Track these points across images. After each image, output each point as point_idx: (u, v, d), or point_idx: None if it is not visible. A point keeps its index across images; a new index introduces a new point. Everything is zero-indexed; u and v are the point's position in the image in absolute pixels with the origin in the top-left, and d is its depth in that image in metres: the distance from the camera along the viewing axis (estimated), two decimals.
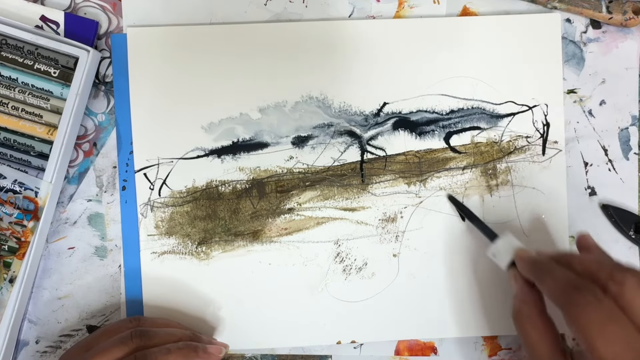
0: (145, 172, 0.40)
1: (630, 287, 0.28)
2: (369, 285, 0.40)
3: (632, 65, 0.42)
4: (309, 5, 0.41)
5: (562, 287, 0.29)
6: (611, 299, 0.28)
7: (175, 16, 0.40)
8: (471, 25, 0.41)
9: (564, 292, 0.29)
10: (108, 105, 0.40)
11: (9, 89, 0.38)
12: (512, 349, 0.41)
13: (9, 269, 0.37)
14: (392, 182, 0.40)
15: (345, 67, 0.40)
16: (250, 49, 0.40)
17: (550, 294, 0.30)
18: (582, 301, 0.28)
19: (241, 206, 0.40)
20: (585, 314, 0.28)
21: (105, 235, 0.40)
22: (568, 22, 0.42)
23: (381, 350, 0.40)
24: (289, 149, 0.40)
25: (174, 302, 0.39)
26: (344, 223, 0.40)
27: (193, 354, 0.34)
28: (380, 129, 0.40)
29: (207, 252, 0.40)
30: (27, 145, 0.38)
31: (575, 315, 0.28)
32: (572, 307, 0.28)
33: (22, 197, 0.37)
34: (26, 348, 0.39)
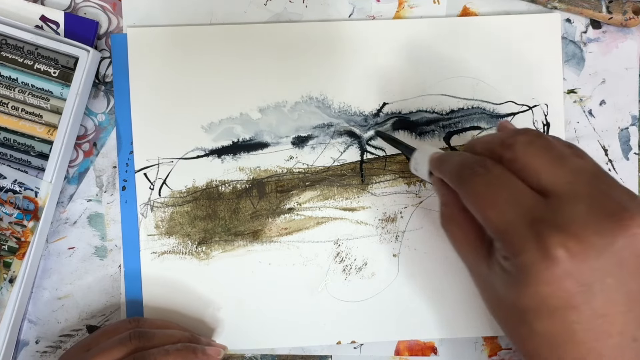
0: (146, 172, 0.40)
1: (520, 146, 0.26)
2: (369, 285, 0.40)
3: (632, 65, 0.42)
4: (309, 5, 0.41)
5: (457, 169, 0.28)
6: (503, 167, 0.27)
7: (175, 16, 0.40)
8: (471, 25, 0.41)
9: (458, 173, 0.28)
10: (108, 105, 0.40)
11: (9, 89, 0.38)
12: (512, 349, 0.41)
13: (8, 269, 0.37)
14: (392, 182, 0.40)
15: (345, 67, 0.40)
16: (250, 49, 0.40)
17: (449, 180, 0.29)
18: (471, 175, 0.27)
19: (241, 206, 0.40)
20: (472, 185, 0.27)
21: (105, 235, 0.40)
22: (568, 22, 0.42)
23: (381, 350, 0.40)
24: (289, 149, 0.40)
25: (174, 302, 0.39)
26: (343, 223, 0.40)
27: (192, 356, 0.34)
28: (380, 129, 0.40)
29: (207, 252, 0.40)
30: (27, 145, 0.38)
31: (465, 192, 0.27)
32: (463, 185, 0.27)
33: (22, 197, 0.37)
34: (26, 348, 0.39)
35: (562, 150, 0.27)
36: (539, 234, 0.24)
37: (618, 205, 0.24)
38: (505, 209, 0.25)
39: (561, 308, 0.24)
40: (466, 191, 0.27)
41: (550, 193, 0.25)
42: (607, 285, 0.24)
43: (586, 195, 0.24)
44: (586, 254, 0.23)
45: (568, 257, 0.23)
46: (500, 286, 0.26)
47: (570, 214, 0.24)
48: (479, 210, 0.26)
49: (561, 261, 0.23)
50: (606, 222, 0.24)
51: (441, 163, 0.31)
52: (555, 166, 0.26)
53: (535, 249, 0.23)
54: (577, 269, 0.23)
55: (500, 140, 0.28)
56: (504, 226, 0.25)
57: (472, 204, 0.27)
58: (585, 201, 0.24)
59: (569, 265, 0.23)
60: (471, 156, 0.29)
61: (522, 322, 0.26)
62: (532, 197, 0.25)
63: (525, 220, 0.24)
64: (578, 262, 0.23)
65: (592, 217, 0.24)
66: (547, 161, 0.26)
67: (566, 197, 0.25)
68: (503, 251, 0.25)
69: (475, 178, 0.27)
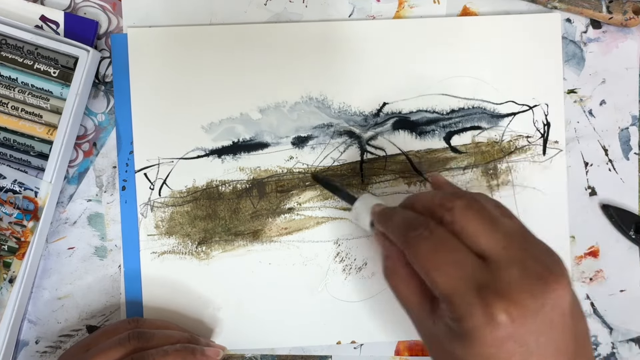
0: (146, 172, 0.40)
1: (459, 210, 0.28)
2: (369, 285, 0.40)
3: (632, 65, 0.42)
4: (309, 5, 0.41)
5: (400, 227, 0.29)
6: (444, 229, 0.28)
7: (175, 16, 0.40)
8: (471, 25, 0.41)
9: (401, 232, 0.29)
10: (108, 105, 0.40)
11: (9, 89, 0.38)
12: None
13: (8, 269, 0.37)
14: (392, 182, 0.40)
15: (345, 67, 0.40)
16: (250, 49, 0.40)
17: (393, 238, 0.30)
18: (415, 237, 0.28)
19: (241, 206, 0.40)
20: (419, 248, 0.28)
21: (105, 235, 0.40)
22: (568, 22, 0.42)
23: (381, 351, 0.40)
24: (289, 149, 0.40)
25: (173, 302, 0.39)
26: (343, 223, 0.40)
27: (190, 356, 0.34)
28: (380, 129, 0.40)
29: (207, 252, 0.40)
30: (27, 145, 0.38)
31: (412, 253, 0.28)
32: (408, 245, 0.28)
33: (22, 197, 0.37)
34: (26, 348, 0.39)
35: (494, 213, 0.28)
36: (483, 299, 0.25)
37: (545, 268, 0.26)
38: (451, 273, 0.26)
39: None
40: (412, 253, 0.28)
41: (488, 257, 0.27)
42: (541, 343, 0.26)
43: (519, 259, 0.27)
44: (524, 317, 0.25)
45: (510, 321, 0.25)
46: (445, 341, 0.28)
47: (508, 279, 0.26)
48: (426, 273, 0.27)
49: (504, 325, 0.25)
50: (537, 286, 0.26)
51: (385, 219, 0.32)
52: (491, 231, 0.28)
53: (480, 314, 0.25)
54: (517, 332, 0.25)
55: (440, 202, 0.29)
56: (451, 290, 0.26)
57: (419, 265, 0.28)
58: (518, 266, 0.26)
59: (510, 329, 0.25)
60: (414, 216, 0.30)
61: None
62: (474, 262, 0.27)
63: (470, 285, 0.26)
64: (518, 325, 0.25)
65: (526, 281, 0.26)
66: (483, 225, 0.28)
67: (503, 262, 0.26)
68: (449, 313, 0.27)
69: (420, 241, 0.28)
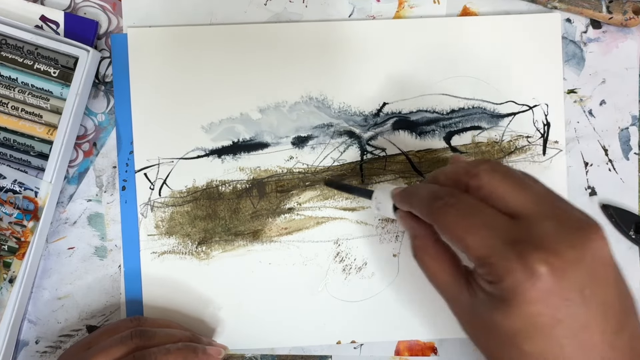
0: (146, 172, 0.40)
1: (484, 174, 0.28)
2: (369, 285, 0.40)
3: (632, 65, 0.42)
4: (309, 5, 0.41)
5: (425, 200, 0.29)
6: (471, 195, 0.28)
7: (175, 16, 0.40)
8: (471, 25, 0.41)
9: (427, 204, 0.29)
10: (108, 105, 0.40)
11: (9, 89, 0.38)
12: None
13: (8, 269, 0.37)
14: (392, 182, 0.40)
15: (345, 67, 0.40)
16: (250, 49, 0.40)
17: (420, 213, 0.30)
18: (442, 206, 0.28)
19: (241, 206, 0.40)
20: (447, 216, 0.27)
21: (105, 235, 0.40)
22: (568, 22, 0.42)
23: (381, 351, 0.40)
24: (289, 149, 0.40)
25: (174, 302, 0.39)
26: (343, 223, 0.40)
27: (192, 355, 0.34)
28: (380, 129, 0.40)
29: (207, 252, 0.40)
30: (27, 145, 0.38)
31: (441, 223, 0.28)
32: (436, 215, 0.28)
33: (22, 197, 0.37)
34: (26, 348, 0.39)
35: (520, 175, 0.28)
36: (520, 254, 0.25)
37: (581, 220, 0.26)
38: (484, 235, 0.26)
39: (549, 325, 0.25)
40: (442, 222, 0.28)
41: (518, 215, 0.26)
42: (585, 296, 0.25)
43: (552, 214, 0.26)
44: (565, 268, 0.24)
45: (550, 272, 0.24)
46: (485, 312, 0.27)
47: (542, 231, 0.25)
48: (458, 239, 0.27)
49: (545, 278, 0.24)
50: (576, 236, 0.25)
51: (409, 196, 0.31)
52: (519, 190, 0.27)
53: (519, 269, 0.24)
54: (559, 285, 0.24)
55: (465, 170, 0.29)
56: (486, 251, 0.26)
57: (450, 233, 0.27)
58: (552, 219, 0.26)
59: (551, 282, 0.24)
60: (438, 187, 0.29)
61: (511, 345, 0.26)
62: (505, 221, 0.26)
63: (505, 242, 0.25)
64: (559, 276, 0.24)
65: (562, 232, 0.25)
66: (511, 186, 0.27)
67: (534, 217, 0.26)
68: (487, 276, 0.26)
69: (449, 209, 0.27)
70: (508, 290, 0.25)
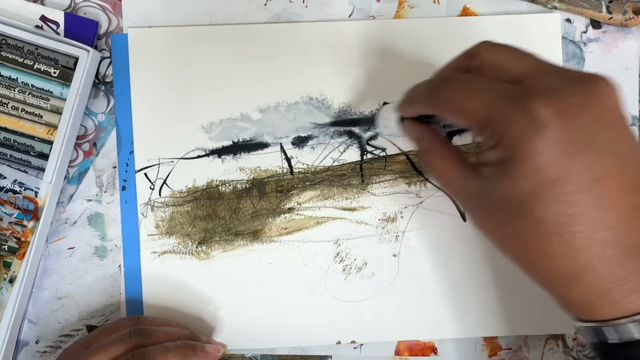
0: (146, 172, 0.40)
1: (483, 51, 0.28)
2: (369, 285, 0.40)
3: (632, 65, 0.42)
4: (309, 5, 0.41)
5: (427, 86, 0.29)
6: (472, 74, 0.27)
7: (175, 16, 0.40)
8: (471, 25, 0.41)
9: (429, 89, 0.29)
10: (108, 105, 0.40)
11: (9, 89, 0.38)
12: (512, 349, 0.41)
13: (8, 269, 0.37)
14: (392, 182, 0.40)
15: (345, 67, 0.40)
16: (250, 49, 0.40)
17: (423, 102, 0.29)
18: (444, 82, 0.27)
19: (241, 206, 0.40)
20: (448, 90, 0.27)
21: (105, 235, 0.40)
22: (568, 22, 0.42)
23: (381, 351, 0.40)
24: (289, 149, 0.40)
25: (174, 302, 0.39)
26: (343, 223, 0.40)
27: (191, 353, 0.34)
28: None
29: (207, 252, 0.40)
30: (27, 145, 0.38)
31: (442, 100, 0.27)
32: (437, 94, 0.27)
33: (22, 197, 0.37)
34: (26, 348, 0.39)
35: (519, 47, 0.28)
36: (522, 103, 0.23)
37: (584, 73, 0.25)
38: (484, 96, 0.25)
39: (559, 180, 0.23)
40: (443, 99, 0.27)
41: (521, 77, 0.25)
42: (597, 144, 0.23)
43: (554, 71, 0.25)
44: (571, 112, 0.23)
45: (555, 116, 0.23)
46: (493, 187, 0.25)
47: (546, 83, 0.24)
48: (459, 110, 0.26)
49: (550, 122, 0.23)
50: (580, 84, 0.24)
51: (411, 93, 0.31)
52: (519, 56, 0.27)
53: (522, 118, 0.23)
54: (566, 129, 0.23)
55: (464, 54, 0.29)
56: (486, 110, 0.25)
57: (451, 107, 0.26)
58: (555, 75, 0.25)
59: (557, 125, 0.23)
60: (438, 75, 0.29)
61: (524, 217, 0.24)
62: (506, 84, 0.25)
63: (506, 99, 0.24)
64: (565, 121, 0.23)
65: (566, 83, 0.24)
66: (511, 54, 0.27)
67: (537, 75, 0.25)
68: (490, 139, 0.25)
69: (449, 83, 0.27)
70: (513, 145, 0.23)
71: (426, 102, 0.29)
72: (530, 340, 0.41)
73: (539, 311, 0.40)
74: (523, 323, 0.40)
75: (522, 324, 0.40)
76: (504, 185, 0.24)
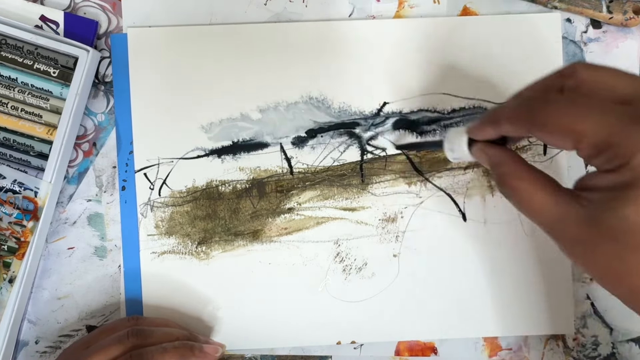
0: (146, 172, 0.40)
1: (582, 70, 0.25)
2: (369, 285, 0.40)
3: (633, 65, 0.42)
4: (309, 5, 0.41)
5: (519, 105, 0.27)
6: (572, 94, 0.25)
7: (175, 16, 0.40)
8: (471, 25, 0.41)
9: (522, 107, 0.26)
10: (108, 105, 0.40)
11: (9, 89, 0.38)
12: (512, 349, 0.41)
13: (8, 269, 0.37)
14: (393, 182, 0.40)
15: (345, 67, 0.40)
16: (250, 49, 0.40)
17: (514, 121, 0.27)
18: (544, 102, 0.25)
19: (241, 206, 0.40)
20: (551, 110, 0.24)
21: (105, 235, 0.40)
22: (568, 22, 0.42)
23: (381, 351, 0.40)
24: (289, 149, 0.40)
25: (173, 302, 0.39)
26: (343, 223, 0.40)
27: (189, 353, 0.34)
28: (380, 128, 0.40)
29: (207, 252, 0.40)
30: (27, 145, 0.38)
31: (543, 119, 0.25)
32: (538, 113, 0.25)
33: (22, 197, 0.37)
34: (26, 348, 0.39)
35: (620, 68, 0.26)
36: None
37: None
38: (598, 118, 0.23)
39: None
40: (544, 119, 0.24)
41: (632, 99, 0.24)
42: None
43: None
44: None
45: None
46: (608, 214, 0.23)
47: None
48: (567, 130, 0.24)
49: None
50: None
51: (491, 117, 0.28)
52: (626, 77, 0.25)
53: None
54: None
55: (556, 74, 0.26)
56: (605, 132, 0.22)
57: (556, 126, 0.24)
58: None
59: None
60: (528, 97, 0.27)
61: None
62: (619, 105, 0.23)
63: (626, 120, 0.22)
64: None
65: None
66: (615, 76, 0.25)
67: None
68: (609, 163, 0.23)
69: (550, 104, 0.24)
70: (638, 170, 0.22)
71: (519, 122, 0.26)
72: (530, 340, 0.41)
73: (539, 311, 0.40)
74: (523, 323, 0.40)
75: (522, 324, 0.40)
76: (625, 212, 0.22)
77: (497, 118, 0.28)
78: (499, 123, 0.28)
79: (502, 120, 0.28)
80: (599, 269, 0.25)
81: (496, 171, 0.28)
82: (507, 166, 0.28)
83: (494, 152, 0.29)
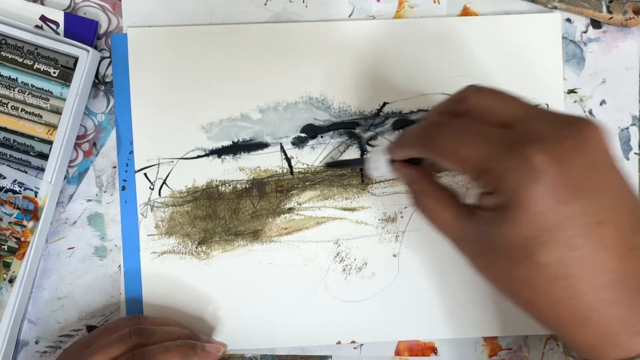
0: (146, 172, 0.40)
1: (471, 95, 0.27)
2: (369, 285, 0.40)
3: (633, 65, 0.42)
4: (309, 5, 0.41)
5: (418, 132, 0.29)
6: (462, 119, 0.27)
7: (175, 16, 0.40)
8: (471, 25, 0.41)
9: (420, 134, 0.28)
10: (108, 105, 0.40)
11: (9, 89, 0.38)
12: (512, 349, 0.41)
13: (8, 269, 0.37)
14: (392, 182, 0.40)
15: (345, 67, 0.40)
16: (250, 49, 0.40)
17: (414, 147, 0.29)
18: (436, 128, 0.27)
19: (241, 206, 0.40)
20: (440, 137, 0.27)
21: (105, 235, 0.40)
22: (568, 22, 0.42)
23: (381, 351, 0.40)
24: (289, 149, 0.40)
25: (173, 302, 0.39)
26: (343, 223, 0.40)
27: (191, 352, 0.34)
28: (380, 129, 0.40)
29: (207, 252, 0.40)
30: (27, 145, 0.38)
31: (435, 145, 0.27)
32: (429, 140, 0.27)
33: (22, 197, 0.37)
34: (26, 348, 0.39)
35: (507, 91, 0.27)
36: (518, 151, 0.24)
37: (574, 118, 0.25)
38: (478, 144, 0.25)
39: (559, 224, 0.23)
40: (436, 144, 0.27)
41: (511, 122, 0.25)
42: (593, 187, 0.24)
43: (545, 115, 0.25)
44: (566, 156, 0.23)
45: (551, 162, 0.23)
46: (493, 231, 0.25)
47: (538, 128, 0.24)
48: (453, 156, 0.26)
49: (546, 168, 0.23)
50: (571, 129, 0.24)
51: (402, 138, 0.31)
52: (508, 101, 0.27)
53: (519, 166, 0.23)
54: (563, 174, 0.23)
55: (453, 98, 0.28)
56: (482, 158, 0.25)
57: (445, 152, 0.26)
58: (545, 119, 0.25)
59: (554, 171, 0.23)
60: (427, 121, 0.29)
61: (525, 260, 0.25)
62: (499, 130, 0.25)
63: (500, 146, 0.24)
64: (562, 166, 0.23)
65: (558, 128, 0.24)
66: (499, 99, 0.27)
67: (527, 119, 0.25)
68: (487, 185, 0.25)
69: (442, 130, 0.27)
70: (511, 192, 0.24)
71: (419, 147, 0.29)
72: (530, 340, 0.41)
73: None
74: (523, 323, 0.40)
75: (522, 324, 0.40)
76: (504, 230, 0.25)
77: (403, 142, 0.30)
78: (406, 146, 0.30)
79: (407, 144, 0.30)
80: (497, 281, 0.27)
81: (409, 189, 0.31)
82: (417, 184, 0.30)
83: (408, 172, 0.31)
